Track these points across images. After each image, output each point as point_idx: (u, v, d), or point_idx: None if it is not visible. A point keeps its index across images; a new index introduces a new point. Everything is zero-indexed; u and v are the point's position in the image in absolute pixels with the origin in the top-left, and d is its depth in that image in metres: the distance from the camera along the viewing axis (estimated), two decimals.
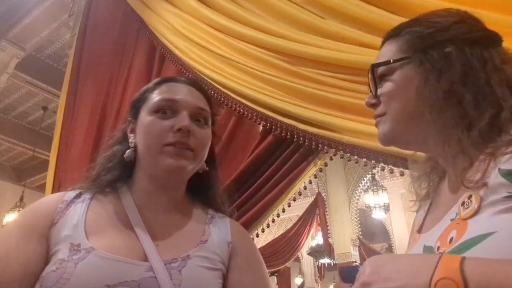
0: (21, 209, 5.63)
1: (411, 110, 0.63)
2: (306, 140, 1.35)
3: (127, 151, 0.83)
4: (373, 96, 0.69)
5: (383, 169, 1.24)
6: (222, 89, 1.59)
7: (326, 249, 6.70)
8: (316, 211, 6.83)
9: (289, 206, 1.56)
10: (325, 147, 1.33)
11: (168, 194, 0.83)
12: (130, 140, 0.84)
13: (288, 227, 7.49)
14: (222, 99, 1.58)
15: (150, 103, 0.83)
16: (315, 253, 7.80)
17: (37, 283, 0.67)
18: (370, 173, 6.13)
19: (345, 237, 6.19)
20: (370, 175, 6.18)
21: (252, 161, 1.51)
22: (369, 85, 0.71)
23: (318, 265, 8.40)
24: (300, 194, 1.58)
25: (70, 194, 0.81)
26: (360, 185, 6.58)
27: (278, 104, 1.41)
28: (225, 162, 1.57)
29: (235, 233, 0.85)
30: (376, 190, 5.92)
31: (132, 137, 0.84)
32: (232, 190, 1.45)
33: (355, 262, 6.04)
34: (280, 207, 1.53)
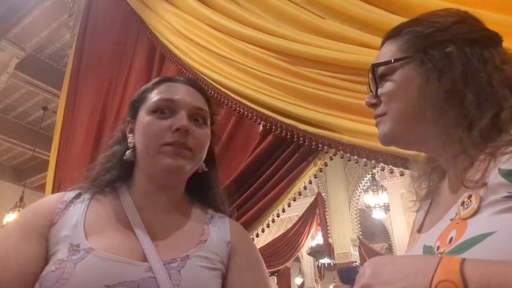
0: (21, 209, 5.63)
1: (412, 110, 0.63)
2: (306, 140, 1.35)
3: (127, 152, 0.83)
4: (374, 96, 0.68)
5: (383, 169, 1.24)
6: (222, 89, 1.59)
7: (326, 249, 6.70)
8: (316, 211, 6.83)
9: (289, 206, 1.56)
10: (325, 147, 1.33)
11: (167, 194, 0.83)
12: (129, 140, 0.84)
13: (288, 227, 7.49)
14: (222, 99, 1.58)
15: (149, 103, 0.83)
16: (315, 253, 7.80)
17: (37, 283, 0.67)
18: (370, 173, 6.13)
19: (345, 237, 6.20)
20: (370, 175, 6.18)
21: (252, 161, 1.51)
22: (369, 85, 0.71)
23: (318, 265, 8.39)
24: (300, 194, 1.58)
25: (70, 195, 0.81)
26: (360, 185, 6.58)
27: (278, 104, 1.41)
28: (225, 162, 1.57)
29: (235, 233, 0.85)
30: (376, 190, 5.92)
31: (131, 137, 0.84)
32: (232, 190, 1.45)
33: (355, 262, 6.04)
34: (280, 207, 1.53)
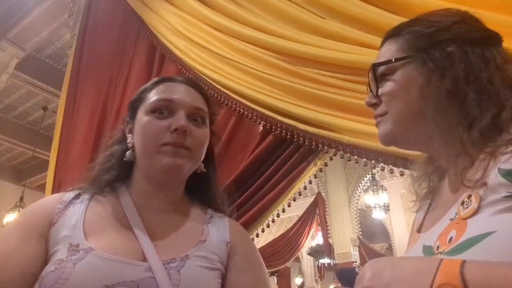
0: (21, 209, 5.63)
1: (413, 110, 0.63)
2: (306, 140, 1.36)
3: (127, 152, 0.83)
4: (374, 96, 0.68)
5: (383, 169, 1.24)
6: (222, 89, 1.59)
7: (326, 249, 6.69)
8: (316, 211, 6.83)
9: (289, 206, 1.57)
10: (325, 147, 1.33)
11: (166, 194, 0.83)
12: (128, 140, 0.84)
13: (288, 227, 7.49)
14: (222, 99, 1.58)
15: (147, 103, 0.83)
16: (315, 253, 7.79)
17: (36, 283, 0.67)
18: (370, 173, 6.13)
19: (345, 237, 6.19)
20: (370, 175, 6.18)
21: (252, 161, 1.51)
22: (369, 85, 0.70)
23: (318, 265, 8.39)
24: (300, 194, 1.58)
25: (69, 195, 0.81)
26: (360, 185, 6.57)
27: (278, 104, 1.41)
28: (225, 162, 1.57)
29: (234, 233, 0.85)
30: (376, 190, 5.91)
31: (130, 137, 0.84)
32: (232, 190, 1.45)
33: (355, 262, 6.04)
34: (280, 207, 1.53)
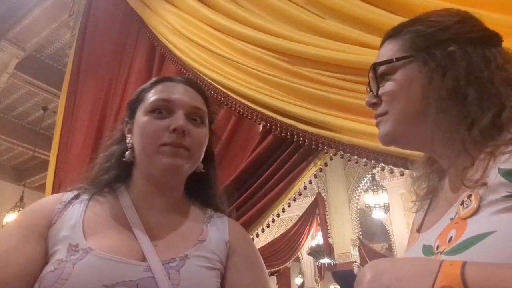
0: (21, 209, 5.63)
1: (414, 110, 0.63)
2: (306, 140, 1.35)
3: (127, 152, 0.83)
4: (374, 96, 0.68)
5: (383, 169, 1.24)
6: (222, 89, 1.59)
7: (326, 249, 6.69)
8: (316, 211, 6.83)
9: (289, 206, 1.56)
10: (325, 147, 1.33)
11: (166, 194, 0.83)
12: (127, 141, 0.84)
13: (288, 227, 7.49)
14: (222, 99, 1.58)
15: (146, 103, 0.83)
16: (315, 253, 7.79)
17: (36, 283, 0.67)
18: (370, 173, 6.13)
19: (345, 237, 6.19)
20: (370, 175, 6.18)
21: (252, 161, 1.51)
22: (369, 85, 0.70)
23: (318, 265, 8.39)
24: (300, 194, 1.58)
25: (68, 195, 0.81)
26: (360, 185, 6.57)
27: (278, 104, 1.41)
28: (225, 162, 1.57)
29: (233, 233, 0.85)
30: (376, 190, 5.91)
31: (129, 138, 0.84)
32: (232, 190, 1.45)
33: (355, 262, 6.04)
34: (280, 207, 1.53)
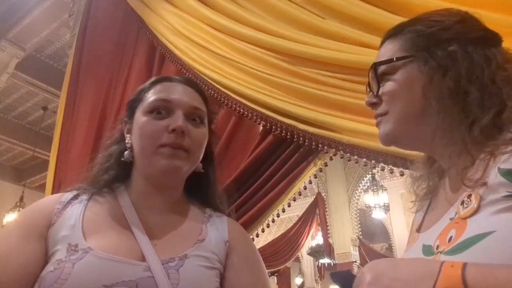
0: (21, 209, 5.63)
1: (415, 109, 0.62)
2: (306, 140, 1.35)
3: (126, 152, 0.83)
4: (374, 95, 0.68)
5: (383, 169, 1.24)
6: (222, 89, 1.58)
7: (326, 249, 6.69)
8: (316, 211, 6.83)
9: (289, 206, 1.56)
10: (325, 147, 1.33)
11: (165, 194, 0.83)
12: (127, 141, 0.84)
13: (288, 227, 7.49)
14: (222, 99, 1.58)
15: (145, 103, 0.83)
16: (315, 253, 7.79)
17: (36, 284, 0.67)
18: (370, 173, 6.13)
19: (345, 237, 6.19)
20: (370, 175, 6.18)
21: (252, 161, 1.51)
22: (369, 84, 0.70)
23: (318, 265, 8.39)
24: (300, 194, 1.58)
25: (67, 196, 0.81)
26: (360, 185, 6.57)
27: (278, 104, 1.41)
28: (225, 162, 1.57)
29: (233, 232, 0.85)
30: (376, 190, 5.91)
31: (129, 138, 0.84)
32: (232, 190, 1.45)
33: (355, 262, 6.04)
34: (280, 207, 1.53)
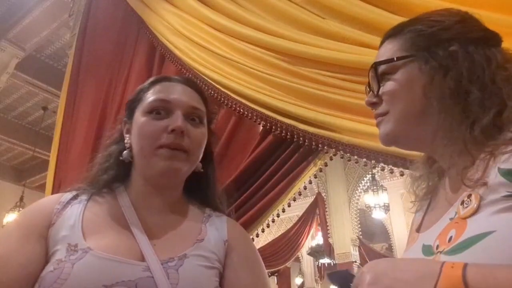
0: (21, 209, 5.63)
1: (416, 109, 0.62)
2: (306, 140, 1.35)
3: (125, 152, 0.83)
4: (374, 95, 0.68)
5: (383, 169, 1.24)
6: (222, 89, 1.59)
7: (326, 249, 6.69)
8: (316, 211, 6.83)
9: (289, 206, 1.56)
10: (325, 147, 1.33)
11: (164, 195, 0.83)
12: (126, 141, 0.84)
13: (288, 227, 7.49)
14: (222, 99, 1.58)
15: (144, 104, 0.83)
16: (315, 253, 7.79)
17: (36, 284, 0.67)
18: (370, 173, 6.13)
19: (345, 237, 6.20)
20: (370, 175, 6.18)
21: (252, 161, 1.51)
22: (369, 84, 0.70)
23: (318, 265, 8.39)
24: (300, 194, 1.58)
25: (67, 196, 0.81)
26: (360, 185, 6.58)
27: (278, 104, 1.41)
28: (225, 162, 1.57)
29: (232, 232, 0.85)
30: (376, 190, 5.92)
31: (128, 138, 0.84)
32: (232, 190, 1.45)
33: (355, 262, 6.04)
34: (280, 207, 1.53)
